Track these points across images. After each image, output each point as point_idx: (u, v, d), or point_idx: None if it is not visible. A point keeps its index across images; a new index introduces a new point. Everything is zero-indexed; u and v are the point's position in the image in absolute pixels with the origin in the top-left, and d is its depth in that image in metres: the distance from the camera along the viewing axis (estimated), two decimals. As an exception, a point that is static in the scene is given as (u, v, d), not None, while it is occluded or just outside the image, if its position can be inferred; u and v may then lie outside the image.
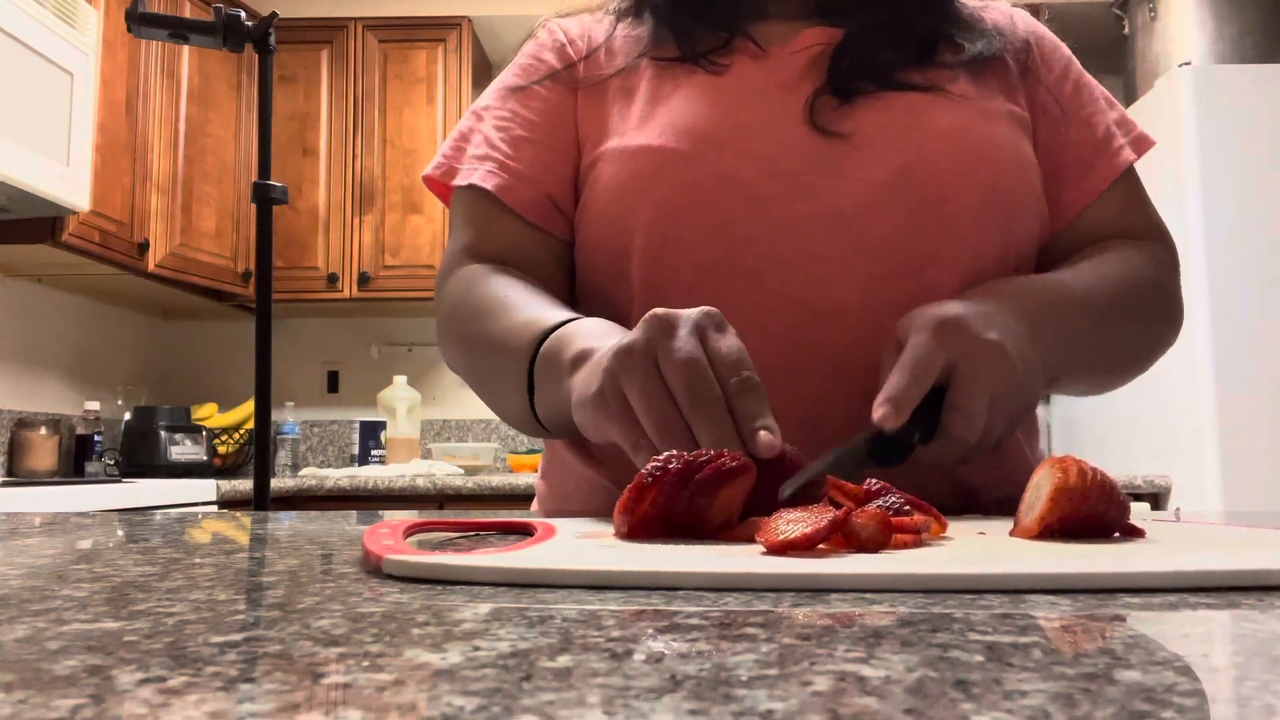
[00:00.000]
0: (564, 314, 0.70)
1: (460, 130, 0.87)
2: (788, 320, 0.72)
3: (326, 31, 3.36)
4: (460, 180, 0.83)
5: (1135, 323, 0.79)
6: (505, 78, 0.88)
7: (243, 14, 1.78)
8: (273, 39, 1.81)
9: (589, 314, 0.81)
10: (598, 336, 0.64)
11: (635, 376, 0.55)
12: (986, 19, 0.84)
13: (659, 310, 0.56)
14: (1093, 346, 0.74)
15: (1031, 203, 0.78)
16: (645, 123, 0.78)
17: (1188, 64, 2.69)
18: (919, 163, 0.73)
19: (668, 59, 0.81)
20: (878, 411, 0.58)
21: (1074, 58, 0.87)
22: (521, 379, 0.69)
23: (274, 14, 1.81)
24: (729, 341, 0.55)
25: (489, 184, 0.81)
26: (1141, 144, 0.84)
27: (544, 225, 0.82)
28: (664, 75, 0.81)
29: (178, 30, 1.78)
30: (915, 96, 0.76)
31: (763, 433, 0.52)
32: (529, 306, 0.73)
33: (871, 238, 0.72)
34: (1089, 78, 0.87)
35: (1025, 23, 0.87)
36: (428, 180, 0.87)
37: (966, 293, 0.70)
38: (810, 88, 0.77)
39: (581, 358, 0.62)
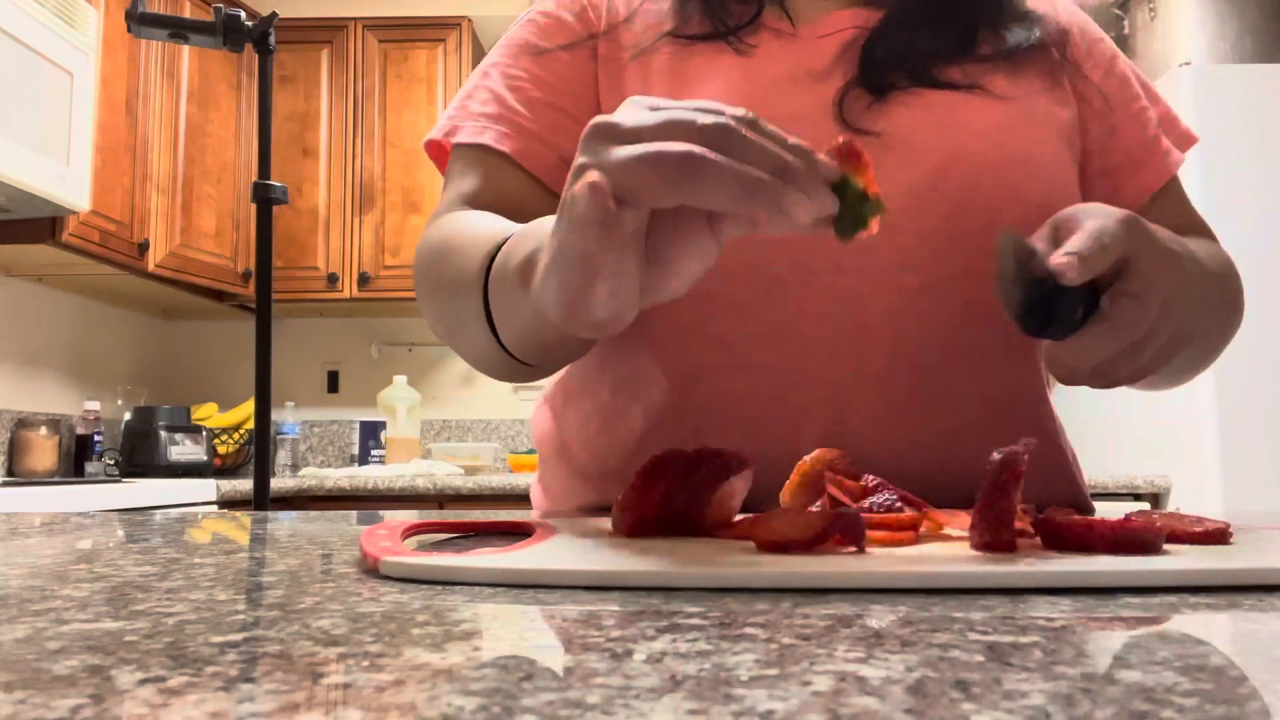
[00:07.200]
0: (518, 226, 0.59)
1: (466, 89, 0.80)
2: (811, 329, 0.69)
3: (326, 31, 3.36)
4: (465, 138, 0.76)
5: (1220, 300, 0.73)
6: (517, 33, 0.80)
7: (243, 14, 1.78)
8: (273, 39, 1.81)
9: None
10: (544, 233, 0.50)
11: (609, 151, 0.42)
12: (1028, 3, 0.79)
13: (598, 119, 0.44)
14: (1195, 314, 0.65)
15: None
16: None
17: (1188, 64, 2.69)
18: (955, 164, 0.69)
19: (691, 36, 0.76)
20: (1059, 259, 0.50)
21: (1117, 47, 0.83)
22: (479, 309, 0.60)
23: (274, 14, 1.81)
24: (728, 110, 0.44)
25: (503, 146, 0.74)
26: (1186, 141, 0.82)
27: (559, 190, 0.73)
28: (686, 53, 0.75)
29: (178, 30, 1.78)
30: (953, 95, 0.72)
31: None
32: (492, 231, 0.62)
33: (903, 246, 0.68)
34: (1132, 68, 0.83)
35: (1066, 9, 0.82)
36: (429, 146, 0.80)
37: None
38: (841, 78, 0.72)
39: (533, 258, 0.51)
